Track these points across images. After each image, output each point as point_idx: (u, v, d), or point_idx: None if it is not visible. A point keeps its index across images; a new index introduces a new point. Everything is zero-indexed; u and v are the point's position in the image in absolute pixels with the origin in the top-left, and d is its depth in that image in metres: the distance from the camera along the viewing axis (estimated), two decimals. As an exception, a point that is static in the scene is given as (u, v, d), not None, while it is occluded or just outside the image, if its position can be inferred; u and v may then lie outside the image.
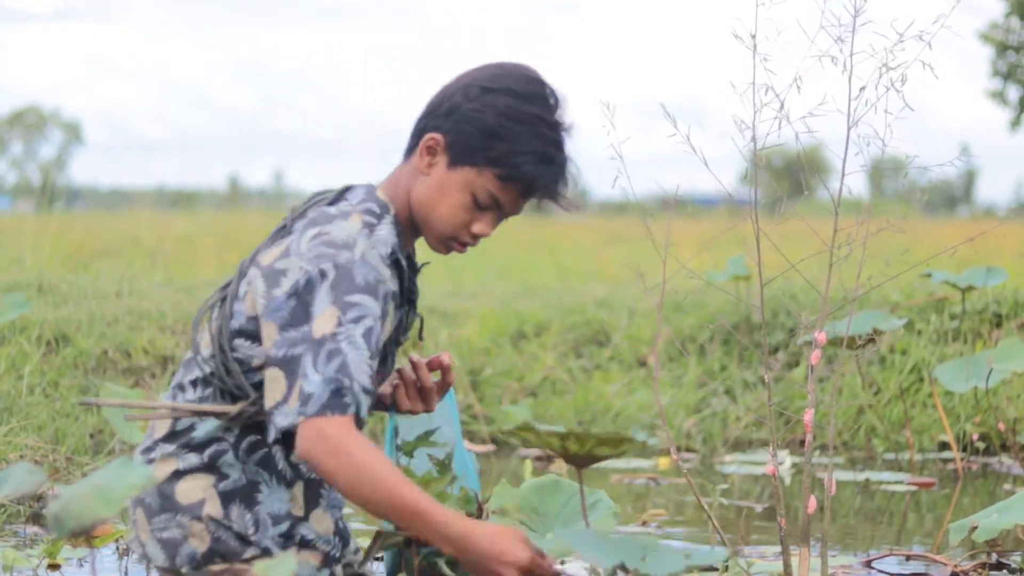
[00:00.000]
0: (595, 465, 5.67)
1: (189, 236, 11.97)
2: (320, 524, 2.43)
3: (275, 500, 2.38)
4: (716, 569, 3.45)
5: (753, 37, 2.84)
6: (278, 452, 2.39)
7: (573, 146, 2.39)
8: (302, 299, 2.23)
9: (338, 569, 2.45)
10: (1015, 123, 29.76)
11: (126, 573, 3.55)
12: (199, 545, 2.36)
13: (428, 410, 2.57)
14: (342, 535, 2.47)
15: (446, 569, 2.41)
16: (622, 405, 6.04)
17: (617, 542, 2.23)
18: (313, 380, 2.20)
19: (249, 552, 2.36)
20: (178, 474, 2.37)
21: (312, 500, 2.42)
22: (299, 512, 2.40)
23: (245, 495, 2.37)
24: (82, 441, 4.86)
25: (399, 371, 2.54)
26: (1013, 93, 29.60)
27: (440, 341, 6.45)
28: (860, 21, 2.82)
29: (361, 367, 2.21)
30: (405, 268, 2.39)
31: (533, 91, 2.35)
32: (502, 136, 2.31)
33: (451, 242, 2.38)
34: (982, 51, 29.48)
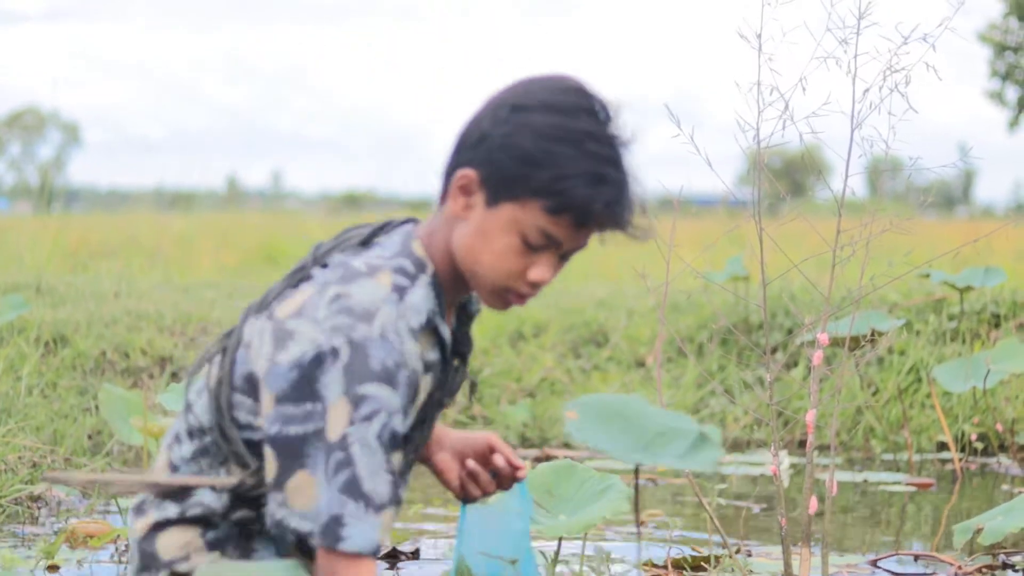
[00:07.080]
0: (594, 462, 5.66)
1: (188, 236, 11.95)
2: None
3: (272, 555, 2.08)
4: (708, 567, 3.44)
5: (759, 37, 2.84)
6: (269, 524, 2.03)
7: (633, 162, 2.00)
8: (306, 374, 1.92)
9: None
10: (1013, 123, 29.80)
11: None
12: None
13: (501, 488, 2.30)
14: None
15: None
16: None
17: None
18: (322, 497, 1.92)
19: None
20: (159, 526, 2.09)
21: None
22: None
23: (238, 543, 2.08)
24: (80, 442, 4.86)
25: (471, 473, 2.27)
26: (1011, 93, 29.64)
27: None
28: (864, 24, 2.82)
29: (377, 475, 1.91)
30: (447, 337, 2.05)
31: (574, 103, 1.97)
32: (542, 160, 1.94)
33: (506, 294, 2.01)
34: (980, 51, 29.53)
